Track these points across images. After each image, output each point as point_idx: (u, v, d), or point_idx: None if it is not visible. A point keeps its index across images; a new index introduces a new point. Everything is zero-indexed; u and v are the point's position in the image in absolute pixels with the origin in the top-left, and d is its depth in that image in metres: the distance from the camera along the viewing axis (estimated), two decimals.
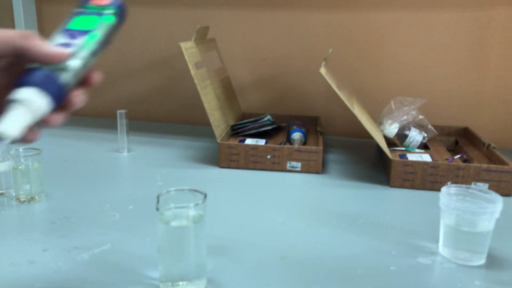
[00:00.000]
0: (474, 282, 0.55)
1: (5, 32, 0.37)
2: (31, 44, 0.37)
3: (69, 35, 0.40)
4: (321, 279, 0.55)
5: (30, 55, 0.37)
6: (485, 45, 1.16)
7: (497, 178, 0.82)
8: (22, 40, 0.37)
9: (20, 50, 0.37)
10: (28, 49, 0.37)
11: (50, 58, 0.37)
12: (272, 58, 1.28)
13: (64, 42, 0.39)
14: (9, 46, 0.37)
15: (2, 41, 0.36)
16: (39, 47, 0.37)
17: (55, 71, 0.38)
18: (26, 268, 0.55)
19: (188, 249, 0.49)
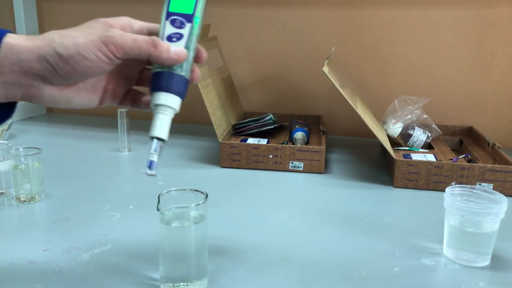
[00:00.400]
0: (479, 284, 0.54)
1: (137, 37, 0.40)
2: (157, 52, 0.40)
3: (175, 22, 0.42)
4: (324, 280, 0.54)
5: (153, 60, 0.41)
6: (490, 43, 1.15)
7: (502, 178, 0.81)
8: (150, 49, 0.40)
9: (146, 56, 0.40)
10: (153, 56, 0.40)
11: (173, 63, 0.41)
12: (274, 57, 1.27)
13: (174, 33, 0.42)
14: (138, 54, 0.40)
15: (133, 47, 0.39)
16: (162, 54, 0.40)
17: (179, 70, 0.42)
18: (26, 268, 0.55)
19: (189, 250, 0.48)
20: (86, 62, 0.38)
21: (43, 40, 0.38)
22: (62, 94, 0.41)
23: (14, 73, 0.38)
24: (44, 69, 0.38)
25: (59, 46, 0.38)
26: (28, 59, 0.38)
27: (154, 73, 0.43)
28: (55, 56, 0.38)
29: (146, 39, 0.40)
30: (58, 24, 1.38)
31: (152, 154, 0.43)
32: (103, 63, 0.39)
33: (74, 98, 0.43)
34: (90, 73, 0.40)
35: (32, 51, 0.38)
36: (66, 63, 0.38)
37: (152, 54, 0.40)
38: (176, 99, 0.42)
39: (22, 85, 0.39)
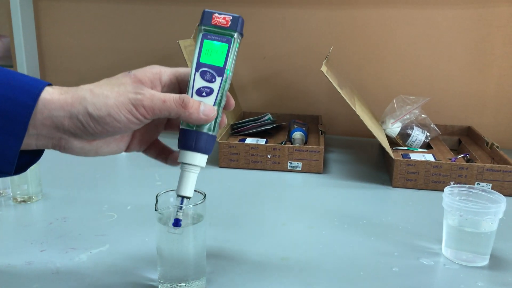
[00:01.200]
0: (477, 283, 0.54)
1: (166, 98, 0.40)
2: (186, 113, 0.40)
3: (206, 75, 0.42)
4: (323, 280, 0.54)
5: (183, 120, 0.42)
6: (489, 43, 1.15)
7: (501, 178, 0.81)
8: (180, 110, 0.40)
9: (175, 117, 0.41)
10: (182, 117, 0.41)
11: (203, 123, 0.42)
12: (273, 56, 1.27)
13: (204, 86, 0.42)
14: (167, 115, 0.40)
15: (163, 109, 0.40)
16: (192, 115, 0.40)
17: (207, 128, 0.43)
18: (24, 269, 0.55)
19: (187, 250, 0.48)
20: (116, 123, 0.39)
21: (75, 96, 0.39)
22: (91, 146, 0.42)
23: (46, 127, 0.39)
24: (75, 127, 0.39)
25: (90, 106, 0.38)
26: (60, 116, 0.38)
27: (182, 130, 0.43)
28: (86, 116, 0.38)
29: (176, 100, 0.40)
30: (54, 23, 1.38)
31: (179, 213, 0.44)
32: (132, 124, 0.40)
33: (103, 148, 0.43)
34: (119, 132, 0.40)
35: (64, 108, 0.38)
36: (96, 123, 0.39)
37: (181, 115, 0.40)
38: (203, 157, 0.43)
39: (53, 137, 0.40)
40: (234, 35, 0.42)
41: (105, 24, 1.35)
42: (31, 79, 0.39)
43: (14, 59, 1.35)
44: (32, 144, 0.40)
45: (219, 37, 0.42)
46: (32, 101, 0.37)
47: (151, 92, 0.40)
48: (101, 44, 1.36)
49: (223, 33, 0.42)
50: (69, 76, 1.40)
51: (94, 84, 0.40)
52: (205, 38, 0.42)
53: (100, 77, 0.43)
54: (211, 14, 0.43)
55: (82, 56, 1.38)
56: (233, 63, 0.43)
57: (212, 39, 0.42)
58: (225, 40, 0.42)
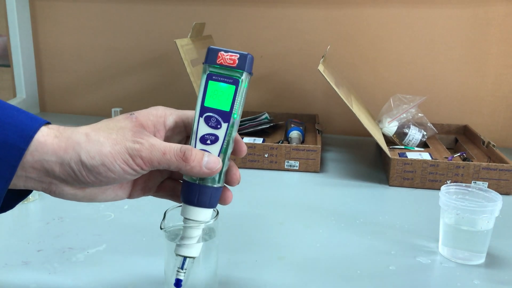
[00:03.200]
0: (474, 281, 0.54)
1: (166, 151, 0.37)
2: (188, 167, 0.37)
3: (210, 121, 0.39)
4: (320, 279, 0.54)
5: (183, 173, 0.38)
6: (485, 42, 1.15)
7: (497, 177, 0.81)
8: (180, 164, 0.37)
9: (175, 170, 0.38)
10: (183, 170, 0.38)
11: (205, 176, 0.38)
12: (270, 55, 1.27)
13: (208, 134, 0.39)
14: (167, 167, 0.37)
15: (162, 161, 0.37)
16: (194, 169, 0.37)
17: (212, 181, 0.39)
18: (21, 269, 0.54)
19: (197, 269, 0.45)
20: (111, 173, 0.36)
21: (69, 141, 0.36)
22: (84, 193, 0.39)
23: (36, 171, 0.36)
24: (67, 174, 0.36)
25: (84, 153, 0.35)
26: (51, 161, 0.35)
27: (185, 182, 0.40)
28: (78, 164, 0.36)
29: (176, 152, 0.37)
30: (51, 22, 1.37)
31: (179, 273, 0.41)
32: (128, 174, 0.37)
33: (98, 196, 0.40)
34: (114, 182, 0.38)
35: (56, 153, 0.35)
36: (89, 172, 0.36)
37: (182, 168, 0.37)
38: (207, 212, 0.40)
39: (42, 181, 0.37)
40: (242, 76, 0.38)
41: (102, 23, 1.35)
42: (27, 117, 0.36)
43: (10, 58, 1.34)
44: (19, 185, 0.37)
45: (225, 78, 0.38)
46: (24, 144, 0.35)
47: (151, 142, 0.37)
48: (98, 43, 1.36)
49: (230, 74, 0.38)
50: (66, 76, 1.40)
51: (92, 127, 0.37)
52: (210, 79, 0.39)
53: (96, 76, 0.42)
54: (216, 52, 0.38)
55: (79, 55, 1.38)
56: (241, 106, 0.39)
57: (217, 80, 0.39)
58: (232, 81, 0.38)
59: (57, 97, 1.43)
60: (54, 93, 1.43)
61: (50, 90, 1.43)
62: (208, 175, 0.38)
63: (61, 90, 1.42)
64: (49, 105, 1.44)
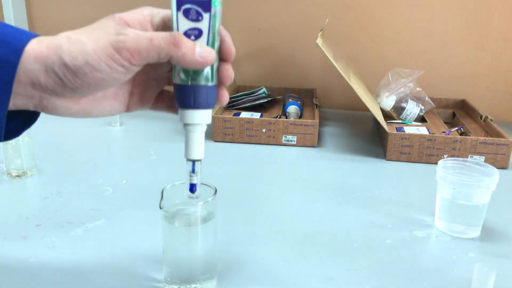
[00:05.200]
0: (469, 254, 0.55)
1: (154, 37, 0.33)
2: (179, 53, 0.34)
3: (190, 14, 0.35)
4: (317, 252, 0.54)
5: (175, 63, 0.35)
6: (485, 15, 1.13)
7: (494, 151, 0.81)
8: (171, 49, 0.34)
9: (166, 58, 0.34)
10: (174, 58, 0.34)
11: (199, 67, 0.35)
12: (268, 28, 1.25)
13: (190, 28, 0.35)
14: (157, 57, 0.34)
15: (150, 50, 0.33)
16: (186, 55, 0.34)
17: (205, 77, 0.36)
18: (20, 243, 0.55)
19: (196, 250, 0.45)
20: (97, 73, 0.33)
21: (51, 46, 0.33)
22: (79, 105, 0.37)
23: (21, 85, 0.33)
24: (53, 82, 0.33)
25: (66, 55, 0.33)
26: (35, 70, 0.33)
27: (177, 86, 0.37)
28: (62, 67, 0.33)
29: (166, 37, 0.34)
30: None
31: (192, 177, 0.40)
32: (117, 73, 0.34)
33: (93, 109, 0.38)
34: (104, 85, 0.34)
35: (38, 60, 0.33)
36: (74, 75, 0.33)
37: (173, 55, 0.34)
38: (207, 113, 0.38)
39: (32, 97, 0.35)
40: None
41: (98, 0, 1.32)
42: (15, 31, 0.34)
43: None
44: (9, 105, 0.34)
45: None
46: (15, 58, 0.32)
47: (136, 32, 0.34)
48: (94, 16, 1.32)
49: None
50: None
51: (74, 31, 0.34)
52: None
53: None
54: None
55: None
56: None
57: None
58: None
59: None
60: None
61: None
62: (201, 65, 0.35)
63: None
64: None
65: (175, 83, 0.37)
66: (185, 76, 0.36)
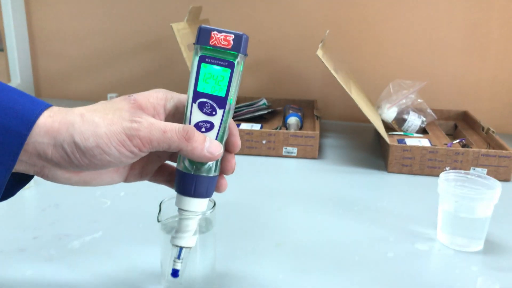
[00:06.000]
0: (472, 268, 0.54)
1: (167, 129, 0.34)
2: (189, 148, 0.35)
3: (205, 108, 0.36)
4: (318, 266, 0.54)
5: (183, 155, 0.36)
6: (486, 26, 1.13)
7: (496, 163, 0.80)
8: (182, 144, 0.35)
9: (176, 150, 0.35)
10: (184, 151, 0.35)
11: (206, 161, 0.36)
12: (268, 40, 1.25)
13: (203, 121, 0.36)
14: (167, 148, 0.35)
15: (162, 142, 0.34)
16: (195, 150, 0.35)
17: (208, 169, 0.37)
18: (16, 256, 0.54)
19: (195, 264, 0.44)
20: (105, 156, 0.33)
21: (63, 121, 0.33)
22: (79, 177, 0.37)
23: (27, 153, 0.33)
24: (60, 157, 0.33)
25: (77, 134, 0.33)
26: (43, 143, 0.33)
27: (179, 172, 0.37)
28: (72, 146, 0.33)
29: (178, 131, 0.34)
30: (45, 5, 1.34)
31: (176, 263, 0.39)
32: (125, 158, 0.34)
33: (93, 180, 0.38)
34: (110, 166, 0.35)
35: (49, 134, 0.33)
36: (83, 155, 0.33)
37: (183, 149, 0.35)
38: (204, 202, 0.38)
39: (34, 165, 0.34)
40: (237, 59, 0.35)
41: (97, 6, 1.32)
42: (29, 100, 0.34)
43: (4, 43, 1.32)
44: None
45: (219, 61, 0.36)
46: (26, 130, 0.32)
47: (150, 121, 0.34)
48: (93, 27, 1.34)
49: (224, 56, 0.35)
50: (61, 60, 1.38)
51: (88, 108, 0.35)
52: (203, 62, 0.36)
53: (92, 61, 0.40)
54: (209, 32, 0.35)
55: (73, 40, 1.36)
56: (237, 90, 0.37)
57: (210, 63, 0.36)
58: (227, 64, 0.35)
59: (52, 82, 1.42)
60: (49, 78, 1.41)
61: (45, 75, 1.41)
62: (208, 159, 0.36)
63: (56, 75, 1.40)
64: (44, 90, 1.43)
65: (178, 169, 0.38)
66: (189, 165, 0.37)
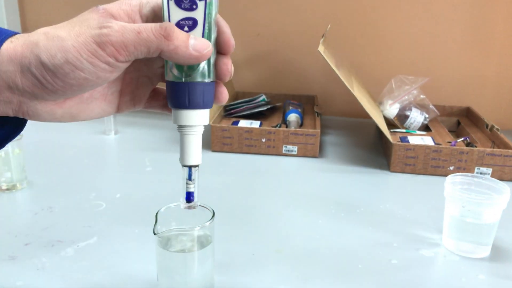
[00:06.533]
0: (479, 276, 0.52)
1: (141, 29, 0.30)
2: (171, 47, 0.30)
3: (183, 2, 0.31)
4: (320, 274, 0.52)
5: (167, 58, 0.31)
6: (490, 21, 1.11)
7: (501, 163, 0.78)
8: (162, 43, 0.30)
9: (156, 53, 0.30)
10: (166, 52, 0.30)
11: (194, 62, 0.31)
12: (267, 33, 1.22)
13: (184, 18, 0.31)
14: (146, 52, 0.30)
15: (138, 44, 0.30)
16: (179, 49, 0.30)
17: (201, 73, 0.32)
18: (7, 264, 0.52)
19: (192, 277, 0.42)
20: (79, 72, 0.29)
21: (26, 43, 0.30)
22: (63, 109, 0.33)
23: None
24: (31, 84, 0.30)
25: (43, 52, 0.29)
26: (10, 71, 0.29)
27: (169, 83, 0.33)
28: (39, 67, 0.29)
29: (155, 29, 0.30)
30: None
31: (189, 185, 0.36)
32: (102, 71, 0.30)
33: (80, 112, 0.34)
34: (88, 85, 0.31)
35: (13, 60, 0.29)
36: (54, 75, 0.29)
37: (164, 49, 0.30)
38: (203, 113, 0.34)
39: (9, 102, 0.31)
40: None
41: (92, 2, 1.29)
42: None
43: None
44: None
45: None
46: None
47: (121, 24, 0.30)
48: None
49: None
50: None
51: (53, 26, 0.31)
52: None
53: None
54: None
55: None
56: None
57: None
58: None
59: None
60: None
61: None
62: (196, 59, 0.31)
63: None
64: None
65: (167, 80, 0.33)
66: (178, 73, 0.32)
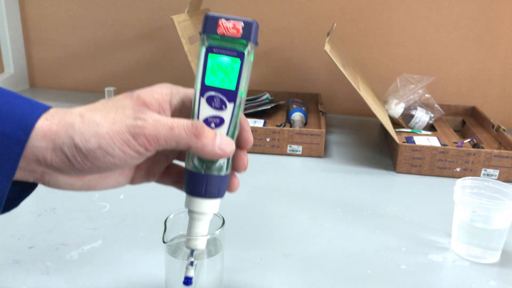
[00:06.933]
0: (489, 283, 0.52)
1: (174, 125, 0.31)
2: (199, 145, 0.32)
3: (213, 102, 0.33)
4: (328, 280, 0.51)
5: (193, 152, 0.33)
6: (495, 20, 1.09)
7: (509, 164, 0.78)
8: (191, 140, 0.32)
9: (184, 148, 0.32)
10: (193, 148, 0.32)
11: (217, 158, 0.33)
12: (271, 30, 1.21)
13: (212, 116, 0.33)
14: (175, 146, 0.32)
15: (169, 139, 0.31)
16: (206, 147, 0.32)
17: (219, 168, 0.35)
18: (11, 268, 0.51)
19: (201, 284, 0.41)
20: (109, 158, 0.31)
21: (62, 123, 0.31)
22: (82, 182, 0.34)
23: (25, 160, 0.31)
24: (60, 161, 0.31)
25: (78, 135, 0.30)
26: (41, 147, 0.30)
27: (188, 172, 0.35)
28: (72, 148, 0.30)
29: (187, 127, 0.31)
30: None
31: (189, 269, 0.37)
32: (130, 158, 0.31)
33: (98, 184, 0.35)
34: (115, 168, 0.32)
35: (47, 137, 0.30)
36: (84, 158, 0.30)
37: (192, 146, 0.32)
38: (216, 202, 0.36)
39: (33, 172, 0.32)
40: (247, 48, 0.32)
41: None
42: (27, 103, 0.31)
43: None
44: None
45: (228, 51, 0.32)
46: (24, 135, 0.30)
47: (156, 117, 0.31)
48: (90, 14, 1.29)
49: (233, 45, 0.32)
50: (56, 49, 1.33)
51: (88, 107, 0.32)
52: (210, 52, 0.32)
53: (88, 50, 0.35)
54: (216, 20, 0.32)
55: (69, 27, 1.31)
56: (247, 82, 0.34)
57: (219, 53, 0.32)
58: (236, 54, 0.32)
59: (47, 72, 1.37)
60: (44, 68, 1.37)
61: (39, 65, 1.36)
62: (219, 156, 0.33)
63: (51, 64, 1.36)
64: (39, 80, 1.38)
65: (186, 168, 0.35)
66: (199, 164, 0.34)
